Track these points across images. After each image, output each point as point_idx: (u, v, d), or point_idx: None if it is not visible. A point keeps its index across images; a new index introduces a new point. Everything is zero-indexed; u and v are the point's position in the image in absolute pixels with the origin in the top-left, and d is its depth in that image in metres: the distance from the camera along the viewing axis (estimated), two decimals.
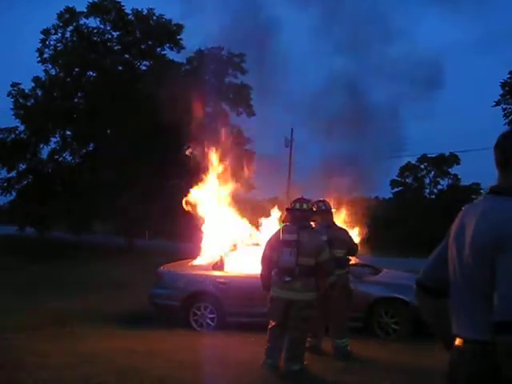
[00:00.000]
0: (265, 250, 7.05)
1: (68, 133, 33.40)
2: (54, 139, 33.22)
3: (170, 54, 34.31)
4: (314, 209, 7.34)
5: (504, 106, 39.56)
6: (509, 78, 38.93)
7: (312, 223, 7.15)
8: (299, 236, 6.66)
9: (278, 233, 6.94)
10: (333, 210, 8.32)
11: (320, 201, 8.07)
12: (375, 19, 12.81)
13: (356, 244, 8.12)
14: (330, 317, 7.57)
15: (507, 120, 39.57)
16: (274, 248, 6.85)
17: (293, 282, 6.59)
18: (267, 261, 6.94)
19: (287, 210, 7.18)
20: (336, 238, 7.33)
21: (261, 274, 7.11)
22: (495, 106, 39.71)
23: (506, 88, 39.17)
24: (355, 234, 10.64)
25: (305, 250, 6.61)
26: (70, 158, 33.96)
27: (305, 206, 6.96)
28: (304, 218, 6.90)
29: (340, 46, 12.94)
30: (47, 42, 33.18)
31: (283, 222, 7.57)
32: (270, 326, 6.90)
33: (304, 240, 6.65)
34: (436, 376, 6.35)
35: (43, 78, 32.62)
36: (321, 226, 7.69)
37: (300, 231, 6.71)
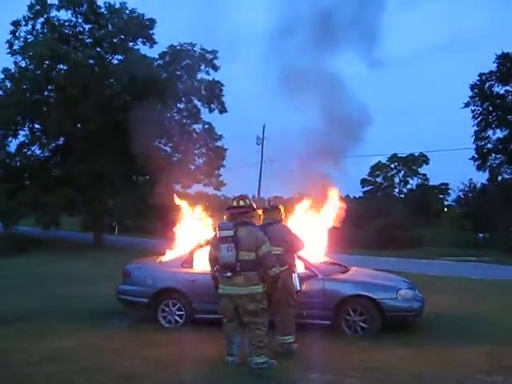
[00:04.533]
0: (210, 249, 7.21)
1: (37, 126, 32.89)
2: (22, 132, 32.72)
3: (143, 49, 34.06)
4: (255, 205, 7.36)
5: (473, 108, 40.32)
6: (478, 80, 39.65)
7: (251, 219, 7.20)
8: (237, 231, 6.78)
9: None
10: (280, 208, 8.28)
11: (269, 199, 8.22)
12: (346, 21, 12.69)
13: (300, 240, 8.01)
14: (274, 314, 7.56)
15: (476, 121, 40.32)
16: (215, 246, 6.99)
17: (234, 278, 6.72)
18: (213, 259, 7.06)
19: (227, 208, 7.29)
20: (273, 235, 7.34)
21: (210, 273, 7.25)
22: (464, 107, 40.46)
23: (475, 90, 39.86)
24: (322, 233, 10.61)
25: (244, 244, 6.73)
26: (39, 151, 33.45)
27: (241, 202, 7.12)
28: (241, 214, 7.01)
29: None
30: (17, 34, 32.64)
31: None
32: (223, 323, 7.01)
33: (242, 235, 6.78)
34: (402, 374, 6.42)
35: (13, 70, 32.08)
36: (262, 223, 7.87)
37: (237, 226, 6.83)
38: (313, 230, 10.33)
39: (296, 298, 7.70)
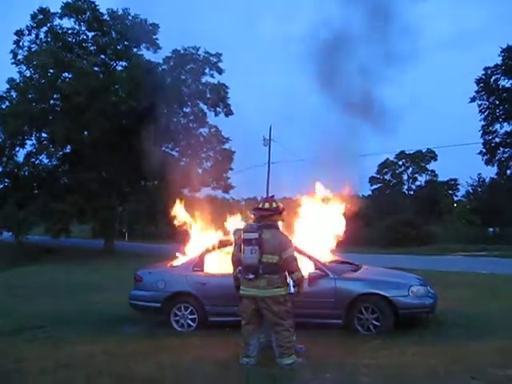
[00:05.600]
0: (234, 251, 7.25)
1: (44, 135, 33.01)
2: (29, 142, 32.86)
3: (147, 55, 34.15)
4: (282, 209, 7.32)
5: (479, 102, 40.19)
6: (483, 74, 39.49)
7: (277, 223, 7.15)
8: (261, 234, 6.78)
9: (241, 232, 7.09)
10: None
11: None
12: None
13: (291, 242, 7.95)
14: None
15: (483, 115, 40.18)
16: (238, 247, 7.04)
17: (257, 280, 6.73)
18: (236, 260, 7.10)
19: (253, 210, 7.28)
20: None
21: (233, 274, 7.27)
22: (471, 102, 40.33)
23: (481, 84, 39.71)
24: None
25: (268, 247, 6.73)
26: (47, 160, 33.58)
27: (267, 205, 7.09)
28: (266, 217, 7.00)
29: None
30: (21, 44, 32.84)
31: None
32: (242, 325, 7.02)
33: (266, 237, 6.77)
34: (416, 370, 6.40)
35: (18, 80, 32.24)
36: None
37: (262, 229, 6.84)
38: (323, 229, 10.34)
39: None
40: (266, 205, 7.07)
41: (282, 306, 6.77)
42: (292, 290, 7.31)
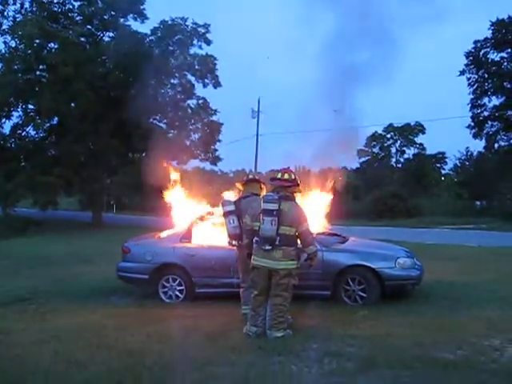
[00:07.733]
0: (246, 220, 7.25)
1: (30, 107, 32.60)
2: (16, 113, 32.44)
3: (134, 25, 33.64)
4: (299, 181, 7.31)
5: (468, 76, 40.08)
6: (473, 47, 39.32)
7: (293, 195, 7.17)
8: (280, 205, 6.75)
9: (259, 202, 7.06)
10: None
11: (248, 173, 8.47)
12: None
13: None
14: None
15: (471, 89, 40.13)
16: (253, 216, 7.01)
17: (273, 251, 6.75)
18: (250, 229, 7.10)
19: (271, 179, 7.27)
20: (248, 208, 7.46)
21: (244, 243, 7.33)
22: (460, 75, 40.22)
23: (470, 58, 39.56)
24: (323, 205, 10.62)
25: (286, 219, 6.74)
26: (34, 132, 33.21)
27: (286, 176, 7.06)
28: (284, 188, 6.98)
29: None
30: (5, 13, 32.25)
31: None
32: (252, 295, 7.07)
33: (285, 209, 6.76)
34: (402, 340, 6.48)
35: (3, 50, 31.73)
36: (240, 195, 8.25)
37: (281, 201, 6.80)
38: (311, 201, 10.35)
39: None
40: (286, 175, 7.04)
41: (292, 280, 6.83)
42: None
